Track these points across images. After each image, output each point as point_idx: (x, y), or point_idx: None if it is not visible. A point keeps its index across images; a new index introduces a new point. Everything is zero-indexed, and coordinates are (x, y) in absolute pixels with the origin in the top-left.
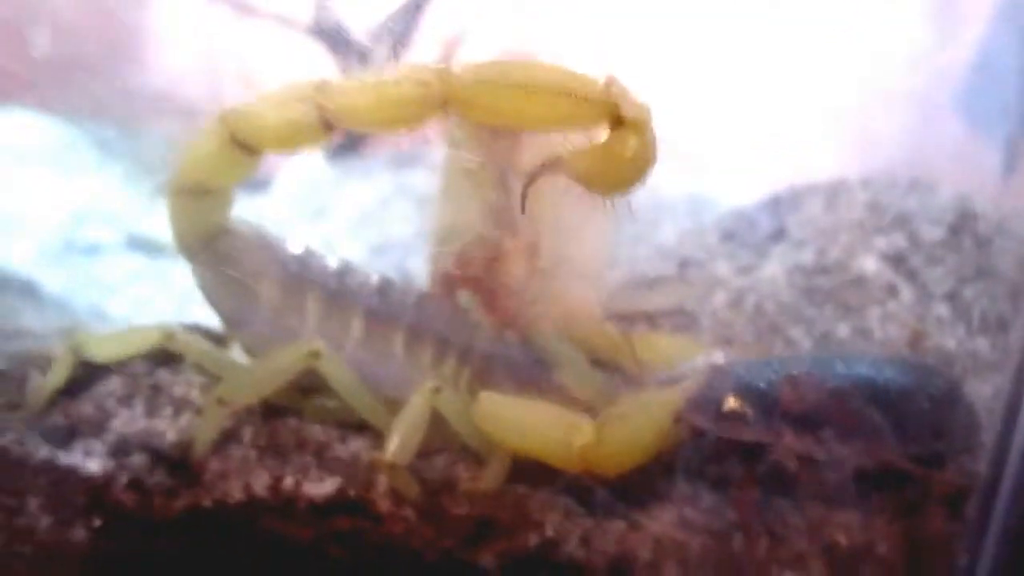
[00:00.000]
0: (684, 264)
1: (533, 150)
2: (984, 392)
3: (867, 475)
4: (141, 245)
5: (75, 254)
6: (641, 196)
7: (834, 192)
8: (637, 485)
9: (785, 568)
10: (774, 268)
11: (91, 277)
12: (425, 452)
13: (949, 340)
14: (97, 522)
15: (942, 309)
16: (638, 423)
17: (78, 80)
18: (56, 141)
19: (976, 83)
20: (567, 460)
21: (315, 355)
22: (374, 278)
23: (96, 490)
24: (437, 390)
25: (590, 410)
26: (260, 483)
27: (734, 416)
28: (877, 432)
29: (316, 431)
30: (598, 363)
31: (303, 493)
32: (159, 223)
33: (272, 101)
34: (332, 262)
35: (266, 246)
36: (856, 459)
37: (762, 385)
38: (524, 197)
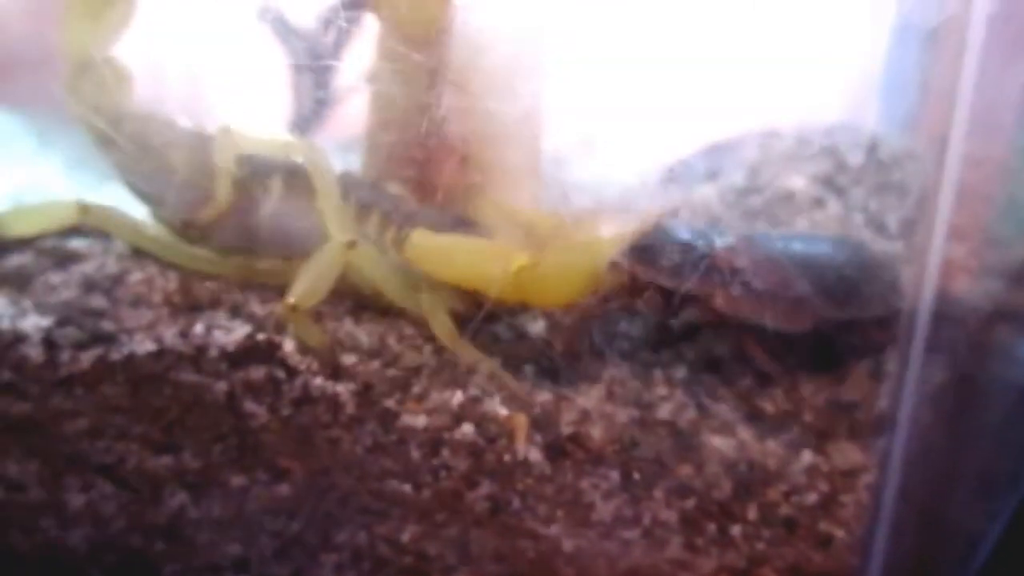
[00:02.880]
0: (624, 207)
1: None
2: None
3: (796, 339)
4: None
5: None
6: (583, 175)
7: (767, 136)
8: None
9: (715, 434)
10: (707, 190)
11: None
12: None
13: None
14: (6, 376)
15: (860, 218)
16: (573, 257)
17: (17, 72)
18: None
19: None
20: (503, 286)
21: (351, 246)
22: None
23: (5, 347)
24: (352, 244)
25: None
26: (170, 334)
27: (669, 266)
28: (805, 295)
29: (232, 290)
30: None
31: (213, 341)
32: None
33: None
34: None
35: (170, 123)
36: (784, 320)
37: (698, 243)
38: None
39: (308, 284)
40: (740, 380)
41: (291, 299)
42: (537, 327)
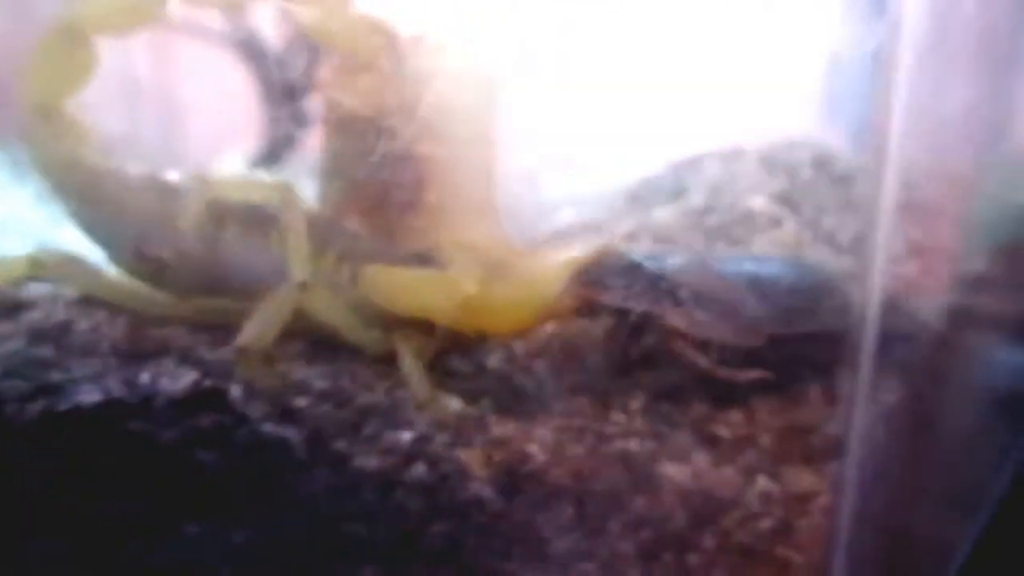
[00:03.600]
0: (589, 225)
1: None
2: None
3: (748, 357)
4: None
5: None
6: (553, 195)
7: (730, 154)
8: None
9: (671, 461)
10: (667, 211)
11: None
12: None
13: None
14: None
15: (813, 234)
16: (524, 283)
17: None
18: None
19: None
20: (452, 313)
21: (303, 288)
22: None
23: None
24: (304, 286)
25: None
26: (117, 383)
27: (620, 288)
28: (754, 312)
29: (182, 336)
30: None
31: (160, 389)
32: (70, 237)
33: None
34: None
35: (124, 174)
36: (736, 337)
37: (650, 265)
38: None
39: (258, 327)
40: (696, 406)
41: (240, 342)
42: (495, 360)
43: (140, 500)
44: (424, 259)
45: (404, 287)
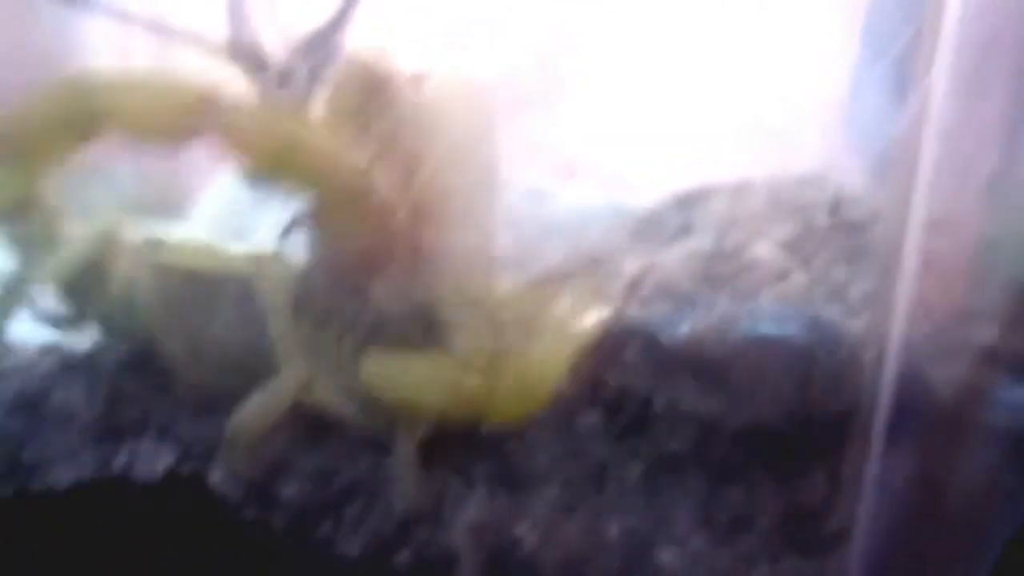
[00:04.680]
0: (594, 262)
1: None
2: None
3: (765, 435)
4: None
5: None
6: (562, 209)
7: (738, 189)
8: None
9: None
10: (673, 254)
11: None
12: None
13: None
14: None
15: (823, 290)
16: (529, 367)
17: None
18: None
19: (854, 100)
20: (456, 407)
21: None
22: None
23: None
24: (311, 378)
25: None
26: (91, 463)
27: (635, 364)
28: (781, 389)
29: (164, 408)
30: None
31: (136, 471)
32: None
33: None
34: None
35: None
36: (761, 416)
37: (663, 335)
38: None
39: (250, 415)
40: (696, 481)
41: (232, 429)
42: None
43: None
44: (435, 327)
45: (403, 379)
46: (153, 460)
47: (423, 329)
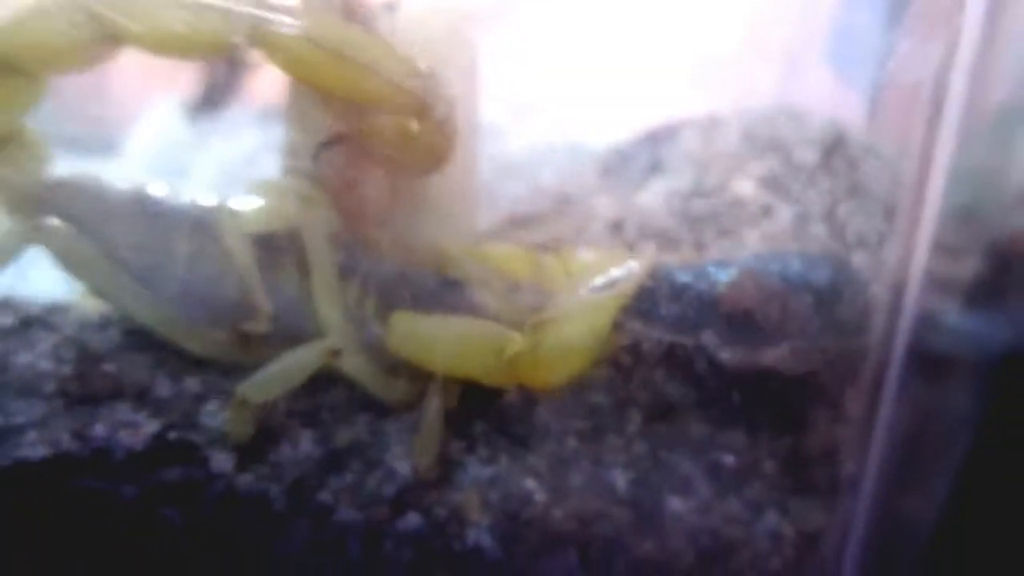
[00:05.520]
0: (563, 201)
1: None
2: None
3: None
4: None
5: None
6: (518, 147)
7: (709, 125)
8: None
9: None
10: (651, 194)
11: None
12: None
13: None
14: None
15: (819, 228)
16: (574, 329)
17: None
18: None
19: (841, 33)
20: (497, 373)
21: (335, 354)
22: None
23: None
24: (336, 353)
25: (512, 327)
26: (66, 434)
27: (676, 319)
28: (813, 331)
29: (139, 374)
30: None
31: (118, 443)
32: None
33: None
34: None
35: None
36: (797, 364)
37: (703, 287)
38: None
39: (267, 380)
40: (697, 428)
41: (242, 391)
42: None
43: (99, 564)
44: (450, 284)
45: (438, 342)
46: (135, 431)
47: (442, 288)
